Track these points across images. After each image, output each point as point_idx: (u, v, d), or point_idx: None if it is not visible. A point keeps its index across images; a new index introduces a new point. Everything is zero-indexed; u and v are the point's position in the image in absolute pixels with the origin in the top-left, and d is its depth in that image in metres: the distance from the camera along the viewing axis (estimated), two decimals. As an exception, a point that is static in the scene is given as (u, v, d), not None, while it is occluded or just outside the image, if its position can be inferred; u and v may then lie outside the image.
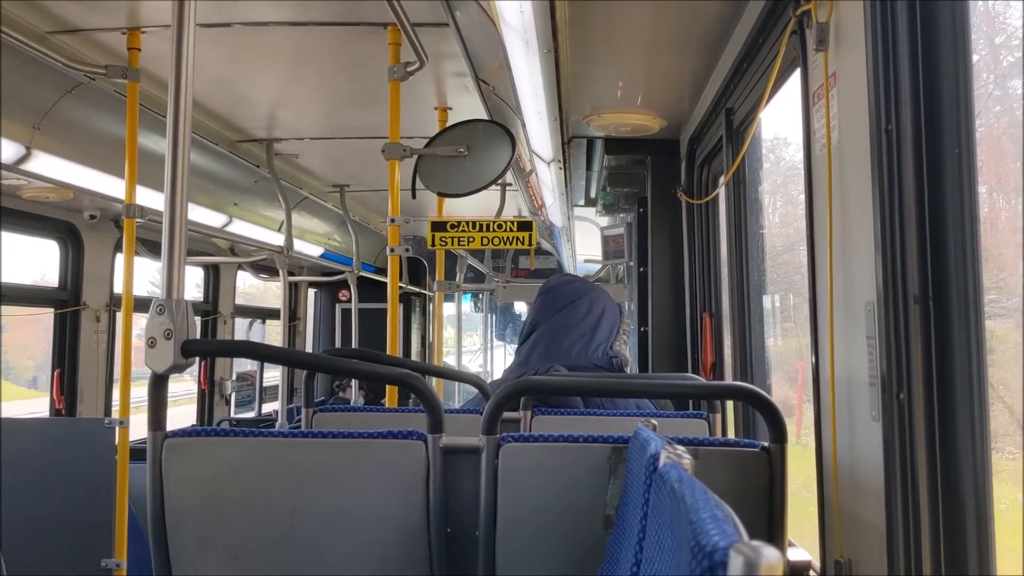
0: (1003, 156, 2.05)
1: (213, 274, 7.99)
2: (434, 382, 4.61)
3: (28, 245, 5.65)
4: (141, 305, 3.95)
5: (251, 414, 9.33)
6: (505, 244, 4.47)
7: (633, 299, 6.22)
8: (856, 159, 2.07)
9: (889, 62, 1.92)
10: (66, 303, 5.73)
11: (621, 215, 7.06)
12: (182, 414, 9.05)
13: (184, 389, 9.53)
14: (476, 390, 3.46)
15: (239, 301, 8.51)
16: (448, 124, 4.28)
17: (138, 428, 4.27)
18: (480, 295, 13.13)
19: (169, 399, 2.07)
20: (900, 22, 1.91)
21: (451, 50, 3.58)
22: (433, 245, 4.44)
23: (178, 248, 1.94)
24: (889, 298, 1.89)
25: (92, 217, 5.69)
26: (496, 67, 3.61)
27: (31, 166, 3.97)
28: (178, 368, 1.92)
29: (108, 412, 5.92)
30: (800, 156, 2.55)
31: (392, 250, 3.83)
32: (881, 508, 1.93)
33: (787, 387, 4.24)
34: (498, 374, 10.57)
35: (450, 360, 11.14)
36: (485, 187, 4.05)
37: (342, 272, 8.31)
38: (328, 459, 2.04)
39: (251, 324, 9.65)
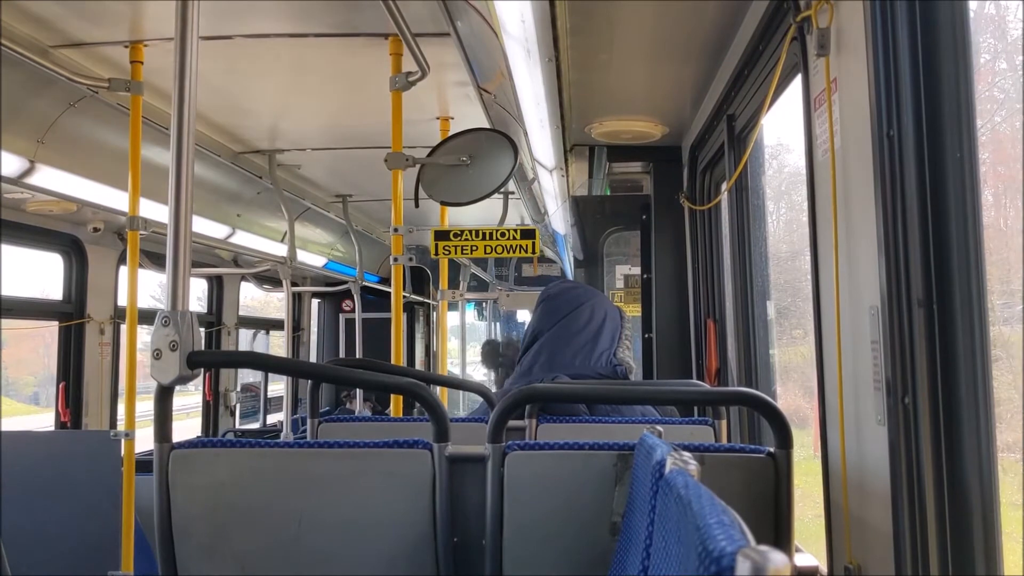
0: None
1: (216, 285, 8.00)
2: (439, 391, 4.61)
3: (30, 258, 5.67)
4: (145, 317, 3.98)
5: (256, 425, 9.32)
6: (508, 252, 4.48)
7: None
8: (858, 164, 2.07)
9: (890, 67, 1.92)
10: (71, 316, 5.74)
11: (624, 221, 7.07)
12: (185, 427, 9.06)
13: (180, 404, 9.51)
14: (480, 399, 3.46)
15: (242, 312, 8.52)
16: (450, 133, 4.29)
17: (144, 441, 4.27)
18: (484, 303, 13.12)
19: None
20: (900, 27, 1.91)
21: (452, 59, 3.59)
22: (436, 254, 4.45)
23: (182, 260, 1.95)
24: (893, 302, 1.89)
25: (96, 230, 5.70)
26: (497, 76, 3.62)
27: (35, 179, 3.98)
28: (184, 380, 1.92)
29: (114, 424, 5.92)
30: (803, 162, 2.55)
31: (395, 259, 3.83)
32: (888, 513, 1.93)
33: (801, 397, 4.23)
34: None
35: (454, 370, 11.14)
36: (488, 196, 4.05)
37: (345, 282, 8.31)
38: (334, 469, 2.04)
39: (255, 335, 9.65)
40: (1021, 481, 2.13)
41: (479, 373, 14.75)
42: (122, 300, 5.90)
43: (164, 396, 1.99)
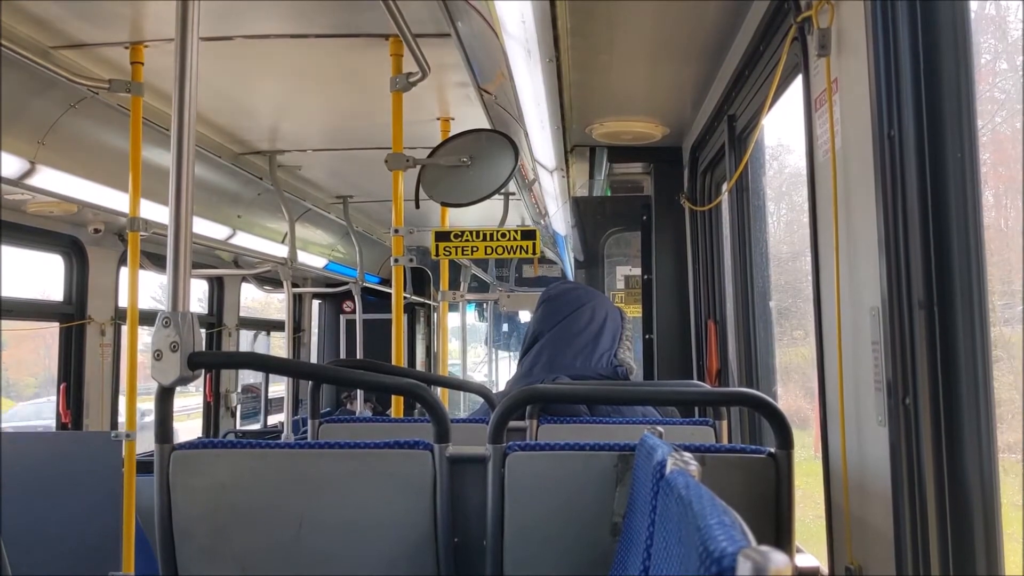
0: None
1: (217, 287, 8.01)
2: (439, 392, 4.61)
3: (31, 260, 5.67)
4: (146, 318, 3.98)
5: (257, 426, 9.32)
6: (509, 253, 4.48)
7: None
8: (859, 164, 2.07)
9: (891, 67, 1.92)
10: (71, 317, 5.74)
11: (624, 223, 7.06)
12: (185, 428, 9.06)
13: (180, 405, 9.49)
14: (481, 400, 3.46)
15: (243, 313, 8.52)
16: (451, 134, 4.29)
17: (145, 443, 4.26)
18: (484, 304, 13.12)
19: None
20: (901, 27, 1.91)
21: (453, 60, 3.59)
22: (437, 255, 4.44)
23: (183, 261, 1.95)
24: (894, 303, 1.89)
25: (96, 231, 5.71)
26: (498, 76, 3.62)
27: (36, 181, 3.98)
28: (184, 380, 1.92)
29: (115, 425, 5.92)
30: (803, 162, 2.55)
31: (396, 260, 3.83)
32: (889, 513, 1.93)
33: (801, 398, 4.23)
34: (502, 384, 10.54)
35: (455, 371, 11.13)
36: (488, 196, 4.05)
37: (346, 283, 8.31)
38: (335, 470, 2.04)
39: (255, 336, 9.65)
40: (1022, 482, 2.12)
41: (480, 374, 14.77)
42: (123, 301, 5.91)
43: (165, 397, 1.99)
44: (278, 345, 10.22)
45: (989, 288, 1.84)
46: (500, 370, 14.66)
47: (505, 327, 14.75)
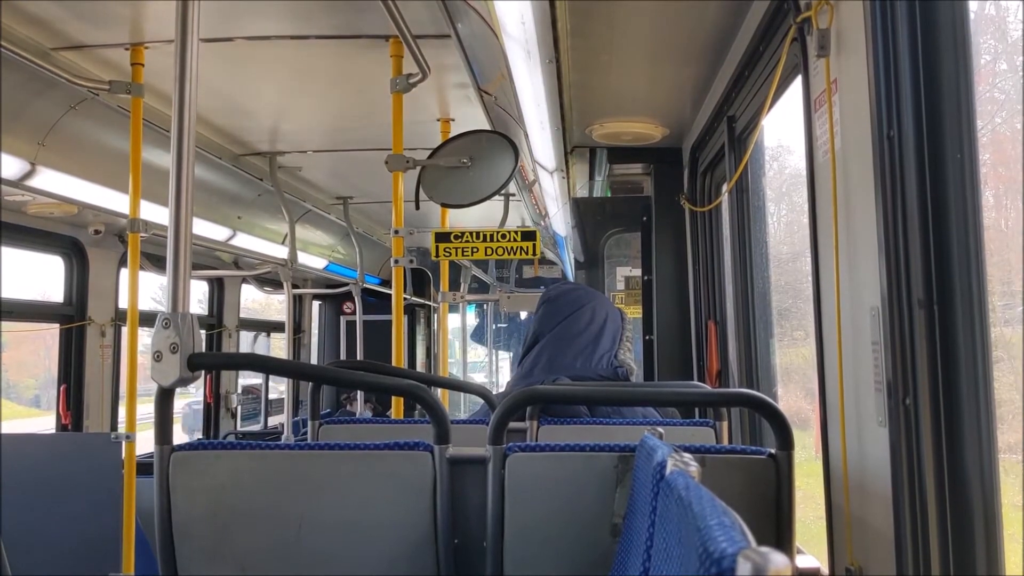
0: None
1: (217, 288, 8.00)
2: (439, 393, 4.61)
3: (31, 261, 5.67)
4: (146, 320, 3.97)
5: (257, 427, 9.32)
6: (509, 254, 4.47)
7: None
8: (859, 165, 2.07)
9: (890, 68, 1.92)
10: (71, 318, 5.74)
11: (624, 224, 7.05)
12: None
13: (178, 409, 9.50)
14: (481, 401, 3.46)
15: (243, 315, 8.52)
16: (451, 135, 4.29)
17: (145, 444, 4.25)
18: (484, 305, 13.12)
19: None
20: (901, 27, 1.91)
21: (453, 61, 3.59)
22: (437, 256, 4.44)
23: (183, 262, 1.95)
24: (893, 303, 1.89)
25: (97, 232, 5.70)
26: (498, 78, 3.62)
27: (36, 182, 3.98)
28: (184, 382, 1.92)
29: (115, 427, 5.92)
30: (803, 163, 2.55)
31: (396, 261, 3.83)
32: (889, 514, 1.93)
33: (802, 398, 4.23)
34: (502, 385, 10.55)
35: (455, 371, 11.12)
36: (488, 197, 4.05)
37: (346, 284, 8.31)
38: (335, 471, 2.04)
39: (256, 337, 9.65)
40: (1022, 482, 2.12)
41: (481, 375, 14.76)
42: (123, 302, 5.91)
43: (165, 398, 1.99)
44: (278, 346, 10.22)
45: (989, 288, 1.84)
46: (501, 371, 14.65)
47: (495, 326, 14.72)
